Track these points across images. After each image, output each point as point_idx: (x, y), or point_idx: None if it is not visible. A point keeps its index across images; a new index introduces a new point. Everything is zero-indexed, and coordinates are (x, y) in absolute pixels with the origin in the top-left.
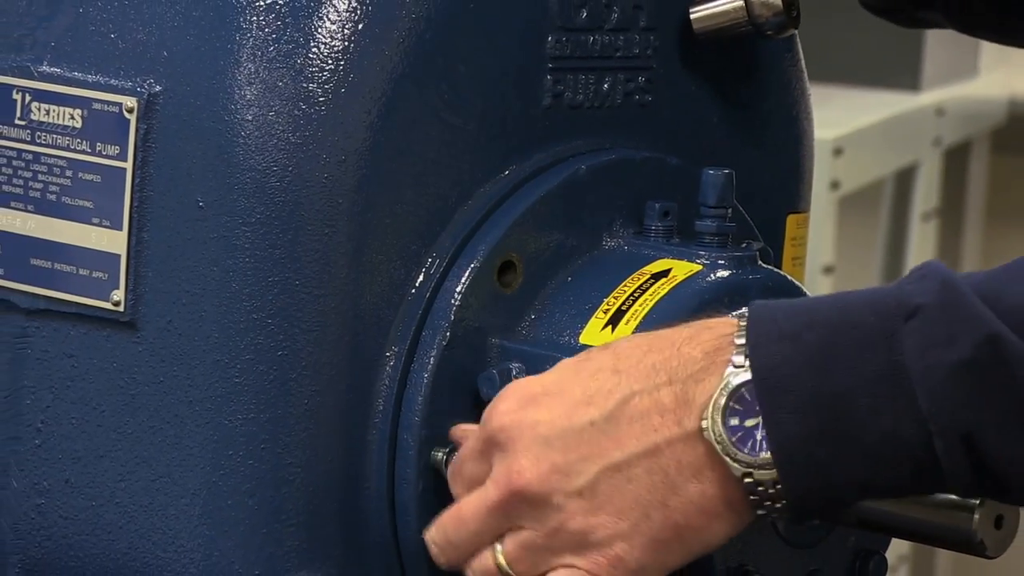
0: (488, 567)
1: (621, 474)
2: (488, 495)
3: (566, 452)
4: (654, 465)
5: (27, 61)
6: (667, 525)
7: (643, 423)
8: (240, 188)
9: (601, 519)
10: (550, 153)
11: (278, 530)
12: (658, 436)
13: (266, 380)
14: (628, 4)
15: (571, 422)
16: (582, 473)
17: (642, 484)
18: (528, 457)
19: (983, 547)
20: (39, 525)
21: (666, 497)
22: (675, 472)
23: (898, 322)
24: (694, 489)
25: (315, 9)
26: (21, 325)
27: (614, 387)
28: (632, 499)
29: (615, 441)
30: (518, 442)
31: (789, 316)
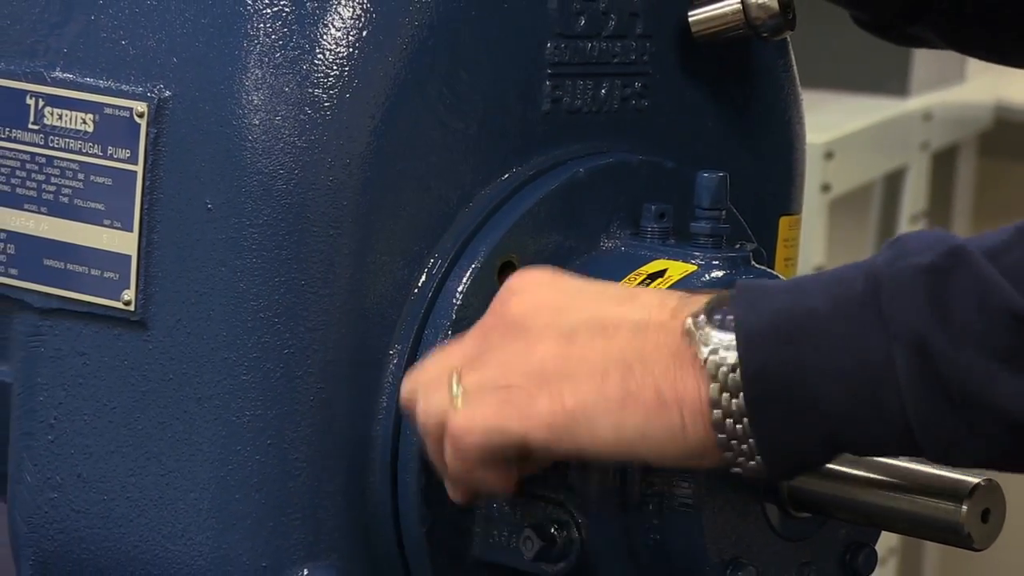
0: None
1: (605, 330)
2: (475, 326)
3: (567, 296)
4: (636, 336)
5: (40, 67)
6: (620, 387)
7: (644, 304)
8: (247, 190)
9: (567, 359)
10: (549, 156)
11: (284, 523)
12: (651, 316)
13: (273, 377)
14: (625, 11)
15: (584, 284)
16: (572, 314)
17: (618, 343)
18: (530, 293)
19: (970, 540)
20: (52, 518)
21: (632, 363)
22: (651, 348)
23: (877, 257)
24: (659, 369)
25: (320, 16)
26: (35, 324)
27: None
28: (602, 353)
29: (615, 306)
30: (526, 287)
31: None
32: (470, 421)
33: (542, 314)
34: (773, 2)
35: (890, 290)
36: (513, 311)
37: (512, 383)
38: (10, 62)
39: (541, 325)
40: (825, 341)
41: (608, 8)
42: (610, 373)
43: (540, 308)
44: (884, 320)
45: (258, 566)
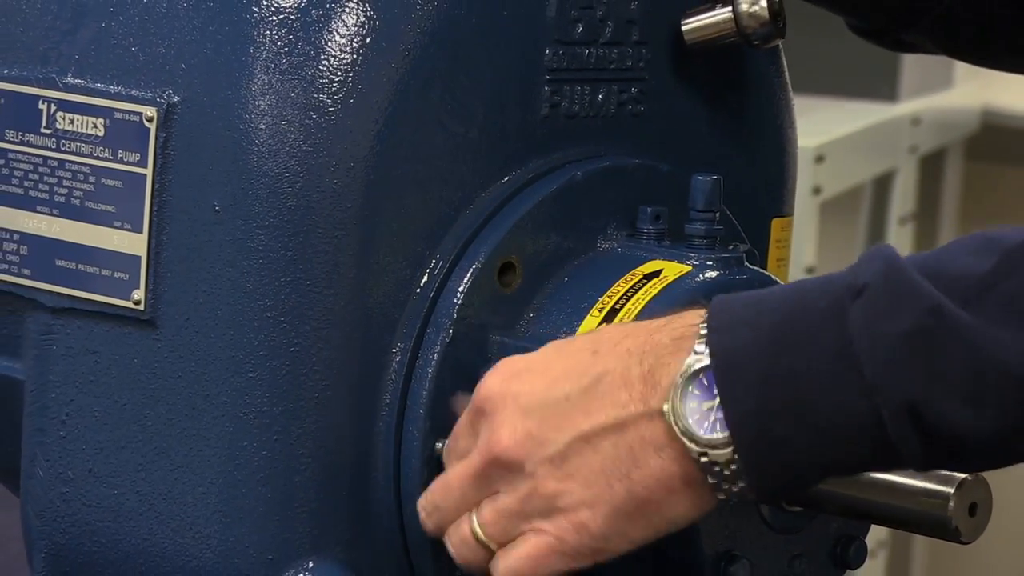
0: (464, 532)
1: (589, 445)
2: (471, 461)
3: (542, 422)
4: (620, 439)
5: (52, 73)
6: (629, 496)
7: (612, 399)
8: (254, 193)
9: (569, 485)
10: (548, 160)
11: (290, 517)
12: (625, 412)
13: (279, 375)
14: (621, 19)
15: (548, 395)
16: (554, 442)
17: (608, 455)
18: (507, 426)
19: (958, 533)
20: (63, 512)
21: (629, 469)
22: (639, 447)
23: (847, 301)
24: (655, 464)
25: (325, 24)
26: (47, 323)
27: (590, 366)
28: (598, 469)
29: (586, 414)
30: (500, 412)
31: (747, 304)
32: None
33: (527, 449)
34: (764, 11)
35: (872, 359)
36: (502, 451)
37: (533, 526)
38: (23, 68)
39: (532, 462)
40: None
41: (605, 15)
42: (614, 486)
43: (521, 443)
44: (868, 388)
45: (264, 558)
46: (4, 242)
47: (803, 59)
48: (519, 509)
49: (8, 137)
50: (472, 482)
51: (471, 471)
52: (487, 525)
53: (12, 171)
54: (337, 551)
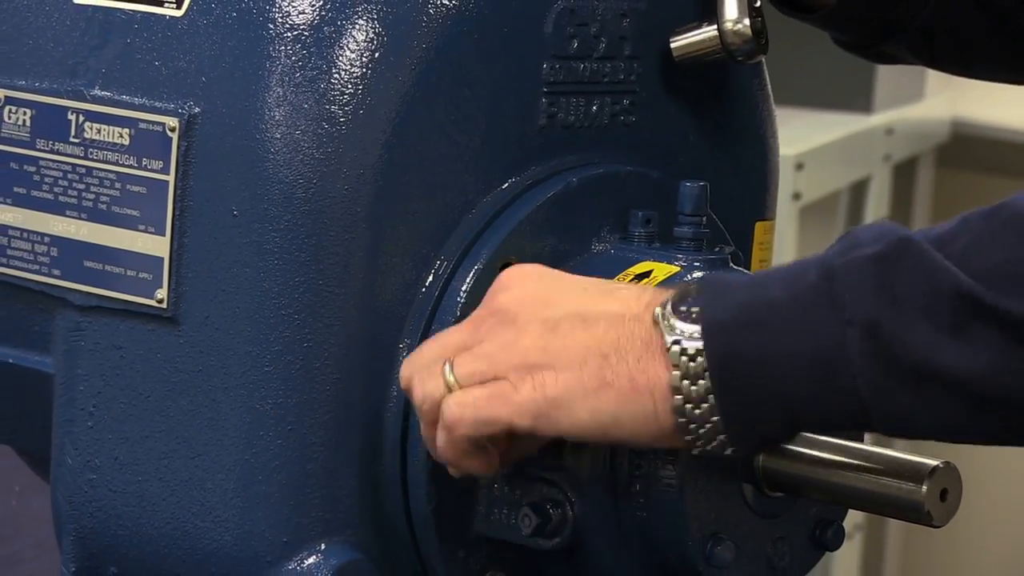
0: (434, 369)
1: (584, 323)
2: (470, 317)
3: (553, 292)
4: (613, 327)
5: (80, 86)
6: (596, 375)
7: (622, 298)
8: (270, 199)
9: (548, 347)
10: (545, 167)
11: (304, 502)
12: (627, 309)
13: (293, 369)
14: (614, 35)
15: (569, 280)
16: (556, 309)
17: (596, 336)
18: (519, 288)
19: (930, 517)
20: (91, 498)
21: (608, 353)
22: (626, 339)
23: (830, 249)
24: (632, 358)
25: (337, 40)
26: (75, 320)
27: (607, 282)
28: (582, 344)
29: (595, 301)
30: (516, 280)
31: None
32: (461, 410)
33: (528, 306)
34: (747, 29)
35: (842, 278)
36: (502, 303)
37: (499, 373)
38: (53, 81)
39: (527, 317)
40: (783, 328)
41: (599, 32)
42: (588, 362)
43: (526, 301)
44: (837, 306)
45: (279, 541)
46: (35, 244)
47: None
48: (494, 354)
49: (39, 146)
50: (463, 330)
51: (466, 323)
52: (459, 364)
53: (43, 178)
54: (347, 534)
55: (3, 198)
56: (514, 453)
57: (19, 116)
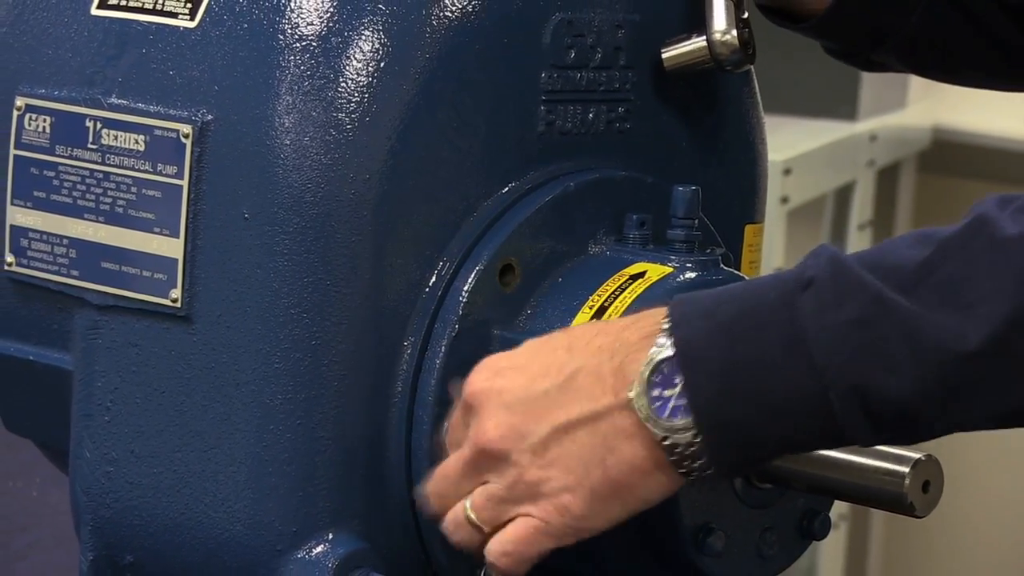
0: (459, 517)
1: (568, 435)
2: (463, 452)
3: (523, 416)
4: (595, 429)
5: (98, 94)
6: (605, 480)
7: (587, 392)
8: (279, 202)
9: (550, 472)
10: (543, 172)
11: (312, 493)
12: (598, 404)
13: (302, 366)
14: (610, 46)
15: (528, 391)
16: (535, 433)
17: (584, 444)
18: (492, 419)
19: (913, 508)
20: (108, 489)
21: (604, 456)
22: (612, 435)
23: (796, 294)
24: (627, 450)
25: (343, 50)
26: (93, 319)
27: (566, 362)
28: (576, 457)
29: (563, 407)
30: (485, 407)
31: (706, 299)
32: (509, 559)
33: (512, 441)
34: (734, 40)
35: (820, 345)
36: (487, 443)
37: (520, 511)
38: (72, 90)
39: (517, 451)
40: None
41: (595, 43)
42: (591, 471)
43: (507, 436)
44: (818, 372)
45: (289, 531)
46: (55, 246)
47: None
48: (506, 495)
49: (59, 152)
50: (464, 470)
51: (463, 461)
52: (479, 510)
53: (62, 182)
54: (354, 524)
55: (24, 202)
56: None
57: (39, 123)
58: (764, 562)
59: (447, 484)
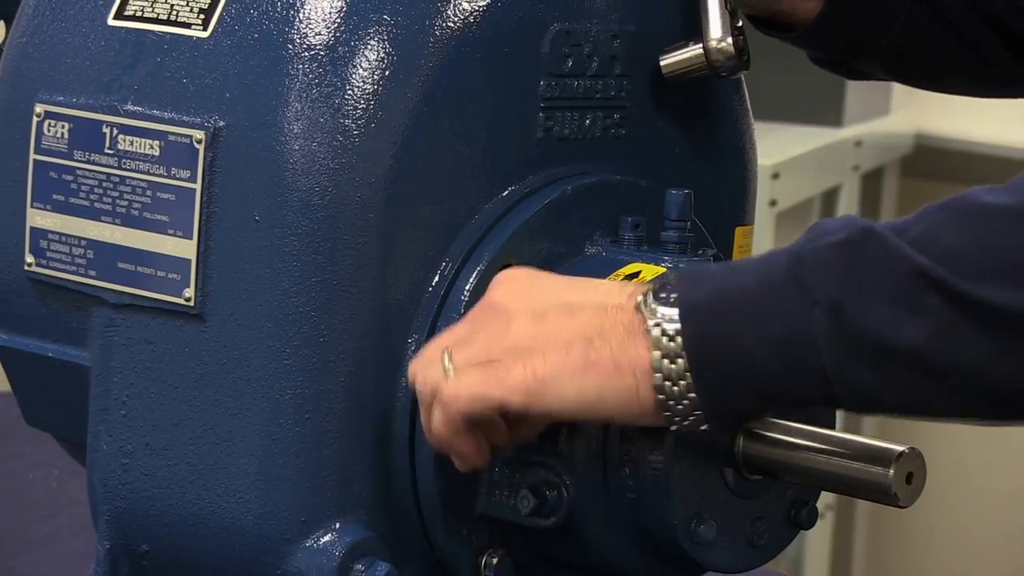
0: (433, 356)
1: (570, 312)
2: (469, 313)
3: (541, 287)
4: (596, 315)
5: (114, 101)
6: (582, 357)
7: (605, 290)
8: (289, 205)
9: (537, 334)
10: (542, 176)
11: (320, 484)
12: (610, 299)
13: (311, 362)
14: (606, 55)
15: (555, 278)
16: (543, 301)
17: (581, 323)
18: (509, 284)
19: (896, 498)
20: (124, 481)
21: (593, 337)
22: (609, 325)
23: (800, 239)
24: (615, 341)
25: (350, 59)
26: (110, 317)
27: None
28: (568, 330)
29: (581, 292)
30: (505, 281)
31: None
32: (456, 390)
33: (518, 299)
34: (730, 47)
35: (809, 263)
36: (495, 299)
37: (493, 357)
38: (89, 97)
39: (517, 308)
40: (753, 311)
41: (591, 52)
42: (574, 346)
43: (516, 295)
44: (803, 289)
45: (297, 520)
46: (73, 247)
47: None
48: (487, 342)
49: (77, 157)
50: (462, 325)
51: (464, 320)
52: (456, 353)
53: (80, 186)
54: (361, 514)
55: (43, 204)
56: (513, 440)
57: (58, 129)
58: (754, 551)
59: (438, 344)
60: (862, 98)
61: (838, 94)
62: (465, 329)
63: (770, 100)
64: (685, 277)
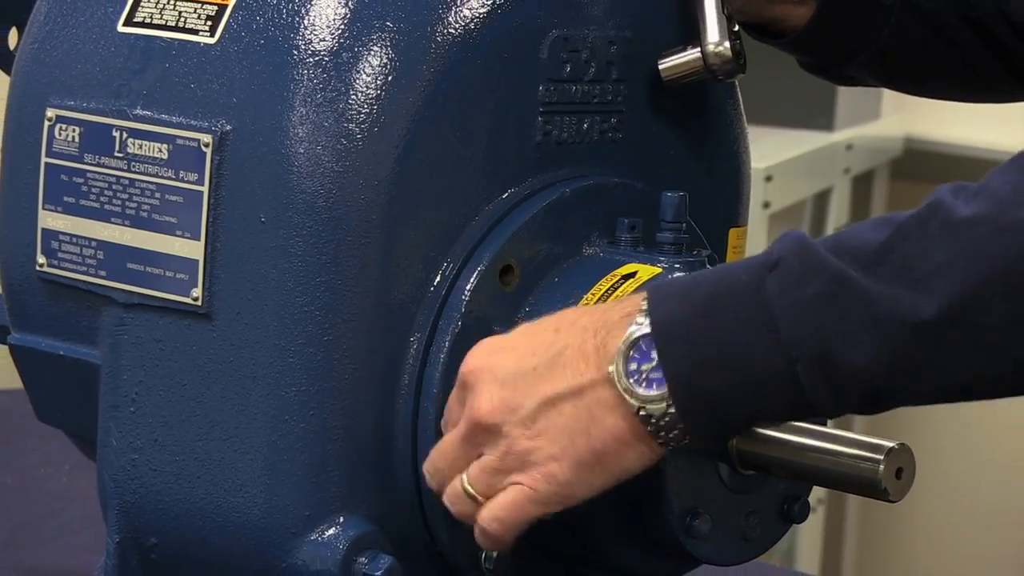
0: (456, 489)
1: (554, 408)
2: (460, 428)
3: (514, 390)
4: (579, 401)
5: (124, 106)
6: (589, 449)
7: (572, 368)
8: (294, 207)
9: (538, 443)
10: (541, 179)
11: (324, 479)
12: (582, 379)
13: (315, 360)
14: (603, 61)
15: (519, 367)
16: (525, 406)
17: (570, 416)
18: (485, 395)
19: (887, 493)
20: (133, 476)
21: (588, 427)
22: (595, 407)
23: (764, 273)
24: (609, 421)
25: (354, 65)
26: (119, 316)
27: (553, 341)
28: (562, 428)
29: (550, 382)
30: (480, 384)
31: (682, 282)
32: (499, 525)
33: (503, 414)
34: (727, 51)
35: (786, 320)
36: (481, 417)
37: (515, 480)
38: (100, 102)
39: (508, 424)
40: (738, 367)
41: (589, 58)
42: (575, 441)
43: (499, 410)
44: (782, 348)
45: (302, 514)
46: (83, 248)
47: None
48: (498, 465)
49: (87, 160)
50: (461, 444)
51: (459, 436)
52: (474, 481)
53: (90, 188)
54: (364, 508)
55: (54, 206)
56: None
57: (69, 133)
58: (748, 544)
59: (445, 459)
60: (853, 103)
61: (829, 99)
62: (468, 449)
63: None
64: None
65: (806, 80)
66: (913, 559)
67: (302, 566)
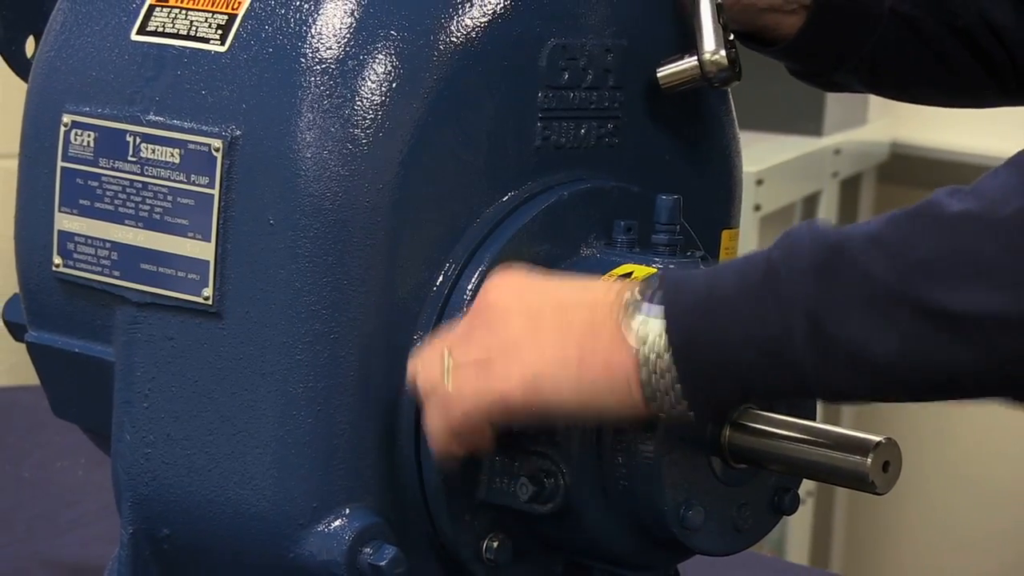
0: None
1: (564, 312)
2: (467, 314)
3: (535, 289)
4: (589, 314)
5: (137, 112)
6: (577, 356)
7: (595, 290)
8: (301, 210)
9: (531, 331)
10: (540, 183)
11: (331, 473)
12: (600, 299)
13: (322, 357)
14: (600, 68)
15: (548, 279)
16: (538, 301)
17: (574, 322)
18: (504, 284)
19: (874, 486)
20: (146, 469)
21: (585, 336)
22: (600, 324)
23: (774, 250)
24: (607, 339)
25: (359, 72)
26: (133, 315)
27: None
28: (561, 328)
29: (572, 293)
30: (502, 282)
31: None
32: (458, 390)
33: (512, 298)
34: (723, 59)
35: (786, 279)
36: (491, 300)
37: (491, 356)
38: (114, 108)
39: (511, 307)
40: (735, 315)
41: (587, 65)
42: (568, 344)
43: (511, 294)
44: (782, 302)
45: (309, 507)
46: (98, 249)
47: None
48: (484, 340)
49: (102, 164)
50: (460, 326)
51: (462, 323)
52: (455, 352)
53: (105, 191)
54: (369, 500)
55: (70, 209)
56: None
57: (84, 138)
58: (739, 535)
59: (438, 340)
60: (841, 109)
61: (818, 105)
62: (463, 329)
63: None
64: (670, 280)
65: (796, 86)
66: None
67: (309, 556)
